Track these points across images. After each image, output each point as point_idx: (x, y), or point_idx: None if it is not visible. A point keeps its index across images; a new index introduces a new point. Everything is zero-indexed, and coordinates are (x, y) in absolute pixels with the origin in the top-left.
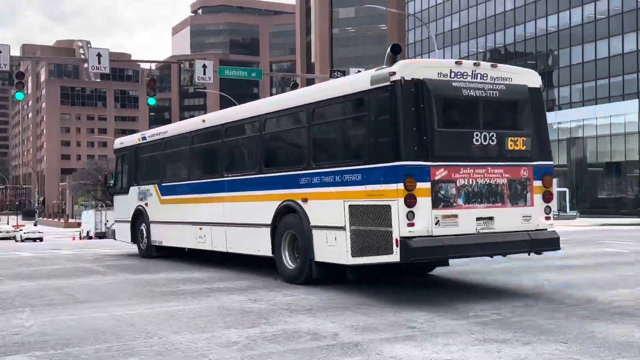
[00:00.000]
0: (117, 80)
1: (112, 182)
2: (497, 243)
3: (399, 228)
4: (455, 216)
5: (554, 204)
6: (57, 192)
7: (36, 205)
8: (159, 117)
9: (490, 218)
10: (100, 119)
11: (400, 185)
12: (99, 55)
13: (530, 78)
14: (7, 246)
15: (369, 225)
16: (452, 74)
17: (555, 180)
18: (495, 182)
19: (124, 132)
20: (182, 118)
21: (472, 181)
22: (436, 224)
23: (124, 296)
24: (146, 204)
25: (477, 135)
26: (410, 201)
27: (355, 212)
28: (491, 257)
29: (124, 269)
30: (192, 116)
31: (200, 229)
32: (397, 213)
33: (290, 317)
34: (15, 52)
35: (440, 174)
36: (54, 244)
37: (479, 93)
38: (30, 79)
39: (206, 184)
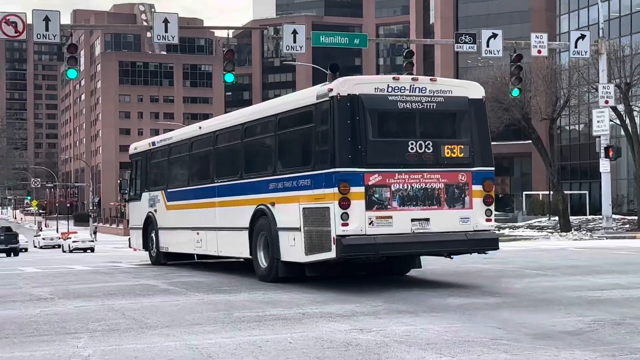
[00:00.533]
0: (186, 52)
1: (126, 189)
2: (432, 242)
3: (335, 228)
4: (390, 217)
5: (493, 207)
6: (115, 192)
7: (90, 208)
8: (237, 97)
9: (427, 219)
10: (166, 100)
11: (335, 190)
12: (165, 21)
13: (471, 90)
14: (54, 257)
15: (316, 226)
16: (389, 89)
17: None
18: (432, 186)
19: (195, 119)
20: (264, 98)
21: (407, 186)
22: (370, 224)
23: (200, 321)
24: (155, 210)
25: (412, 144)
26: (344, 203)
27: (307, 214)
28: (427, 255)
29: (196, 287)
30: (277, 96)
31: (197, 233)
32: (333, 214)
33: (409, 354)
34: (65, 19)
35: (374, 179)
36: (111, 256)
37: (415, 105)
38: (82, 52)
39: (201, 190)
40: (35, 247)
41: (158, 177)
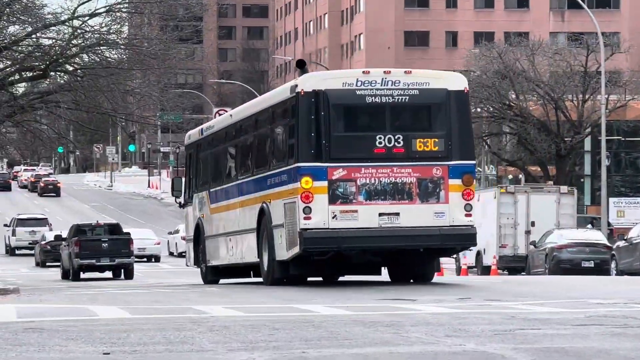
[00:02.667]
0: None
1: (180, 190)
2: (401, 236)
3: (299, 221)
4: (355, 211)
5: (474, 202)
6: None
7: None
8: None
9: (396, 214)
10: None
11: (298, 184)
12: None
13: (452, 81)
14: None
15: (291, 221)
16: (358, 83)
17: None
18: (402, 180)
19: None
20: None
21: (375, 180)
22: (333, 217)
23: None
24: (203, 216)
25: (380, 138)
26: (306, 198)
27: (287, 210)
28: (395, 249)
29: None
30: None
31: (230, 239)
32: (297, 208)
33: None
34: None
35: (338, 173)
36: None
37: (386, 99)
38: None
39: (229, 189)
40: (172, 253)
41: (205, 174)
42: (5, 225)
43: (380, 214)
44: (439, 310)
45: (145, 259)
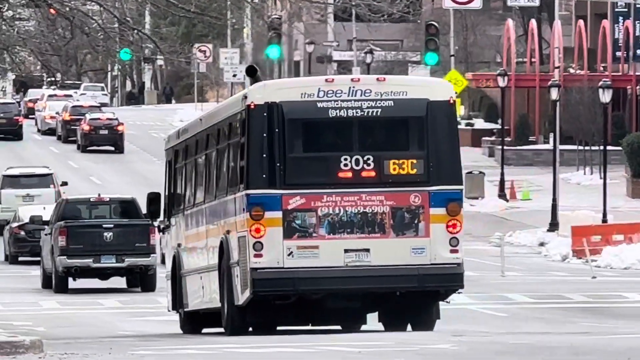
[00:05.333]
0: None
1: (157, 211)
2: (371, 277)
3: (249, 260)
4: (316, 247)
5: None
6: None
7: None
8: None
9: (366, 250)
10: None
11: (247, 215)
12: None
13: (434, 90)
14: None
15: (243, 258)
16: (320, 93)
17: None
18: (373, 210)
19: None
20: None
21: (340, 209)
22: (289, 255)
23: None
24: (179, 245)
25: (345, 159)
26: (256, 231)
27: (240, 245)
28: (365, 293)
29: None
30: None
31: (201, 277)
32: (247, 244)
33: None
34: None
35: (294, 202)
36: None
37: (353, 112)
38: None
39: (201, 212)
40: None
41: (181, 191)
42: None
43: (346, 250)
44: None
45: None
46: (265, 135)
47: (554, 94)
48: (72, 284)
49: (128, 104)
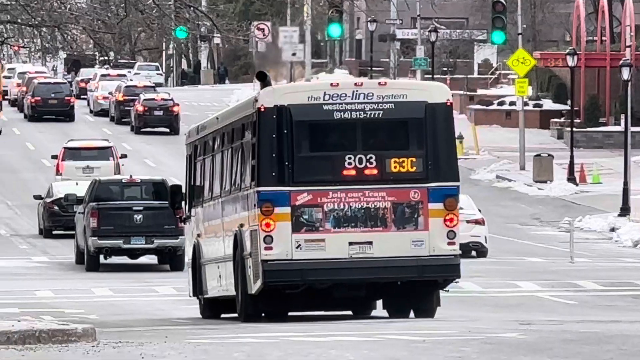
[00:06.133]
0: None
1: (180, 202)
2: (374, 268)
3: (260, 252)
4: (322, 240)
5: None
6: None
7: None
8: None
9: (368, 243)
10: None
11: (258, 210)
12: None
13: (433, 93)
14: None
15: (255, 250)
16: (326, 97)
17: None
18: (375, 205)
19: None
20: None
21: (344, 205)
22: (297, 247)
23: None
24: (199, 235)
25: (349, 158)
26: (267, 226)
27: (252, 238)
28: (368, 283)
29: None
30: None
31: (219, 267)
32: (258, 238)
33: None
34: None
35: (302, 198)
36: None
37: (357, 114)
38: None
39: (215, 207)
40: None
41: (201, 184)
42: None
43: (350, 243)
44: None
45: None
46: (274, 136)
47: (625, 73)
48: (104, 261)
49: (184, 83)
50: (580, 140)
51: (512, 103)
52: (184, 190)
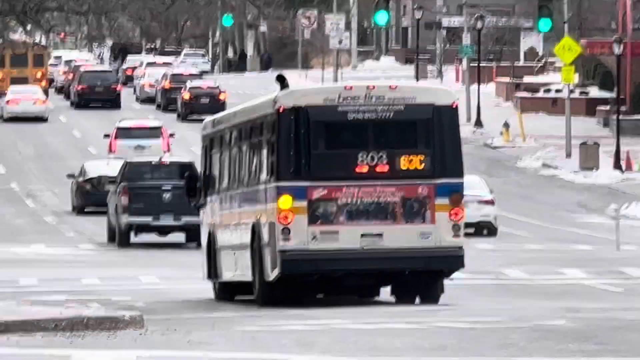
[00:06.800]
0: None
1: (194, 191)
2: (384, 259)
3: (278, 243)
4: (336, 232)
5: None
6: None
7: None
8: None
9: (379, 235)
10: None
11: (276, 204)
12: None
13: (440, 96)
14: None
15: (273, 241)
16: (340, 99)
17: None
18: (386, 200)
19: None
20: None
21: (357, 199)
22: (313, 239)
23: None
24: (214, 223)
25: (362, 155)
26: (284, 218)
27: (270, 229)
28: (378, 272)
29: None
30: None
31: (235, 253)
32: (276, 229)
33: None
34: None
35: (318, 193)
36: None
37: (369, 115)
38: None
39: (232, 196)
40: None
41: (216, 175)
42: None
43: (362, 235)
44: None
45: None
46: (292, 135)
47: None
48: (134, 239)
49: (230, 70)
50: (627, 127)
51: (558, 91)
52: (199, 180)
